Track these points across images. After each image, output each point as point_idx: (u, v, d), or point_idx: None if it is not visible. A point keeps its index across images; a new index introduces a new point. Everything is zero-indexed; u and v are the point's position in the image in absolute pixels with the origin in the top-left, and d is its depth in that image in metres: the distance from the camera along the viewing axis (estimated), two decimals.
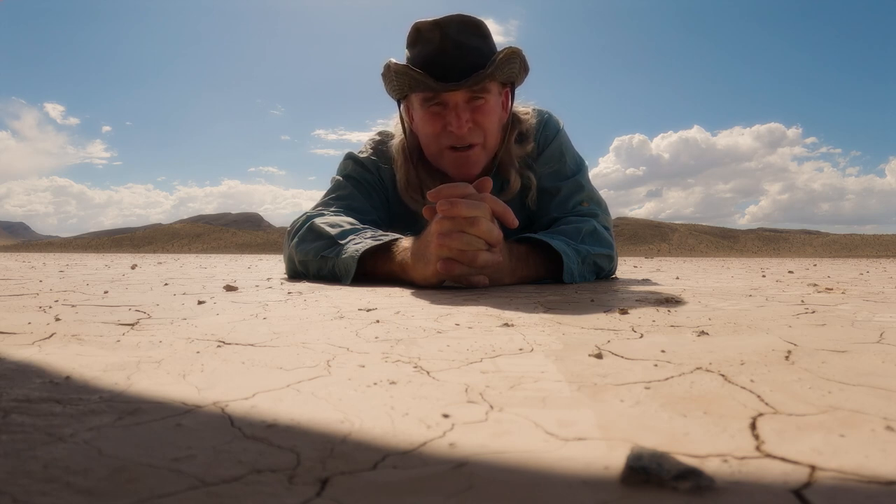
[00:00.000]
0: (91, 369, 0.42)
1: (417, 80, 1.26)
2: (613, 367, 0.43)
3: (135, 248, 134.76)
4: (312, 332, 0.61)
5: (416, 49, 1.30)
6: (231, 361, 0.46)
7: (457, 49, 1.26)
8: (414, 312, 0.76)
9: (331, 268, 1.31)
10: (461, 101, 1.29)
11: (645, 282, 1.54)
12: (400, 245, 1.20)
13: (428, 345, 0.53)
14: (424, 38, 1.28)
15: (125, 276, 1.84)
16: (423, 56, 1.28)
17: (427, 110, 1.33)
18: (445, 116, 1.31)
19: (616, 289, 1.20)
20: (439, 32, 1.26)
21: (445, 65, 1.26)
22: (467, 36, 1.28)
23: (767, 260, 10.14)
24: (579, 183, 1.48)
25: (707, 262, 5.99)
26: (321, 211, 1.46)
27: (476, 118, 1.32)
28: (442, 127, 1.32)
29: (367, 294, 1.02)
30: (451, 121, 1.30)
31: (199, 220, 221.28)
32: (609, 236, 1.44)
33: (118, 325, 0.65)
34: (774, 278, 1.93)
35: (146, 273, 2.19)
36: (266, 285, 1.35)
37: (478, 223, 1.02)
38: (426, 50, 1.28)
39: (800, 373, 0.42)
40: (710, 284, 1.48)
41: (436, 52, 1.26)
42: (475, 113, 1.31)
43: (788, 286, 1.44)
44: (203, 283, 1.50)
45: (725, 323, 0.68)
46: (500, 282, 1.19)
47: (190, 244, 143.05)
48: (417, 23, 1.30)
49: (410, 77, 1.27)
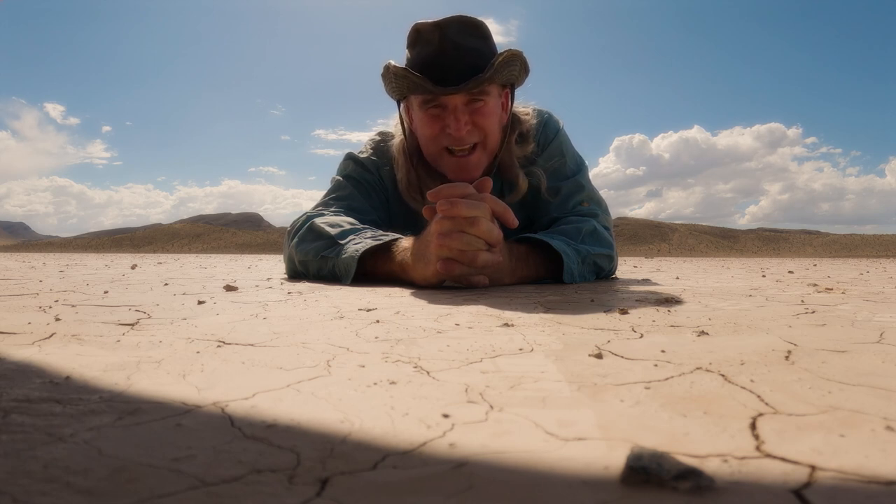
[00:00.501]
0: (91, 369, 0.42)
1: (416, 83, 1.26)
2: (613, 367, 0.43)
3: (135, 248, 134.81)
4: (312, 332, 0.61)
5: (416, 50, 1.30)
6: (231, 361, 0.46)
7: (456, 51, 1.25)
8: (414, 312, 0.76)
9: (331, 268, 1.31)
10: (460, 104, 1.29)
11: (645, 282, 1.54)
12: (400, 245, 1.20)
13: (428, 345, 0.53)
14: (424, 39, 1.28)
15: (125, 276, 1.84)
16: (422, 58, 1.28)
17: (426, 112, 1.32)
18: (444, 119, 1.31)
19: (616, 289, 1.20)
20: (438, 34, 1.25)
21: (444, 67, 1.25)
22: (466, 37, 1.27)
23: (767, 260, 10.14)
24: (579, 183, 1.48)
25: (707, 263, 5.99)
26: (321, 211, 1.46)
27: (475, 120, 1.31)
28: (440, 129, 1.32)
29: (367, 294, 1.02)
30: (450, 123, 1.30)
31: (199, 220, 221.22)
32: (609, 236, 1.44)
33: (118, 325, 0.65)
34: (774, 278, 1.93)
35: (146, 273, 2.19)
36: (266, 285, 1.35)
37: (478, 223, 1.02)
38: (425, 51, 1.27)
39: (800, 373, 0.42)
40: (710, 284, 1.48)
41: (435, 54, 1.26)
42: (474, 115, 1.31)
43: (788, 286, 1.44)
44: (203, 283, 1.50)
45: (725, 323, 0.68)
46: (500, 282, 1.19)
47: (190, 244, 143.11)
48: (417, 24, 1.30)
49: (409, 80, 1.27)
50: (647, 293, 1.10)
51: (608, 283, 1.40)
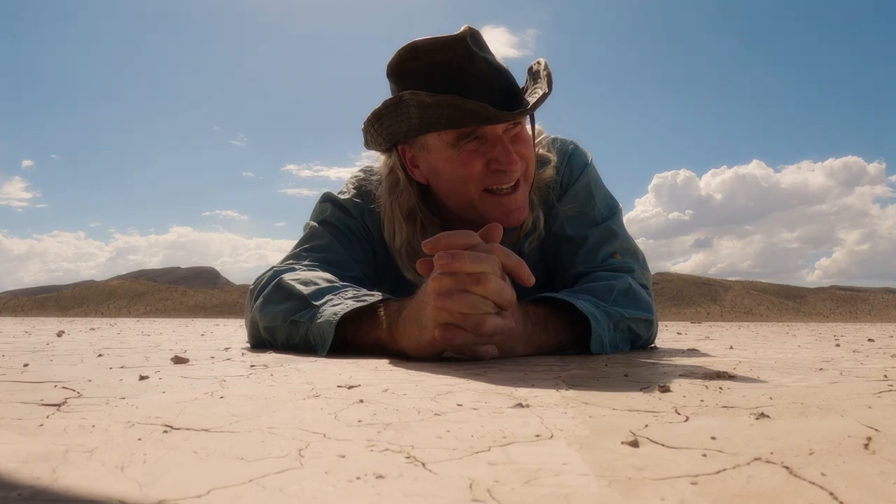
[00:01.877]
0: (8, 460, 0.42)
1: (472, 111, 1.22)
2: (652, 458, 0.43)
3: (62, 310, 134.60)
4: (281, 414, 0.60)
5: (422, 74, 1.28)
6: (180, 450, 0.45)
7: (489, 66, 1.27)
8: (406, 390, 0.76)
9: (303, 335, 1.31)
10: (501, 131, 1.31)
11: (691, 352, 1.54)
12: (388, 307, 1.20)
13: (423, 430, 0.53)
14: (440, 59, 1.26)
15: (50, 346, 1.83)
16: (448, 81, 1.25)
17: (462, 150, 1.32)
18: (487, 153, 1.31)
19: (656, 361, 1.20)
20: (464, 49, 1.25)
21: (489, 88, 1.26)
22: (486, 52, 1.30)
23: (842, 325, 10.11)
24: (611, 230, 1.49)
25: (768, 328, 5.96)
26: (292, 265, 1.47)
27: (518, 149, 1.33)
28: (484, 165, 1.32)
29: (349, 367, 1.02)
30: (499, 156, 1.30)
31: (142, 275, 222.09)
32: (648, 296, 1.44)
33: (41, 406, 0.65)
34: (851, 348, 1.93)
35: (76, 341, 2.19)
36: (224, 356, 1.34)
37: (485, 280, 1.00)
38: (452, 73, 1.26)
39: (882, 464, 0.42)
40: (771, 355, 1.48)
41: (474, 76, 1.25)
42: (515, 143, 1.33)
43: (868, 357, 1.43)
44: (146, 353, 1.49)
45: (790, 403, 0.68)
46: (512, 352, 1.18)
47: (130, 306, 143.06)
48: (418, 44, 1.29)
49: (459, 110, 1.22)
50: (693, 366, 1.09)
51: (646, 353, 1.40)
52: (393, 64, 1.32)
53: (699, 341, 2.31)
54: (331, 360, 1.14)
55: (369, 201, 1.54)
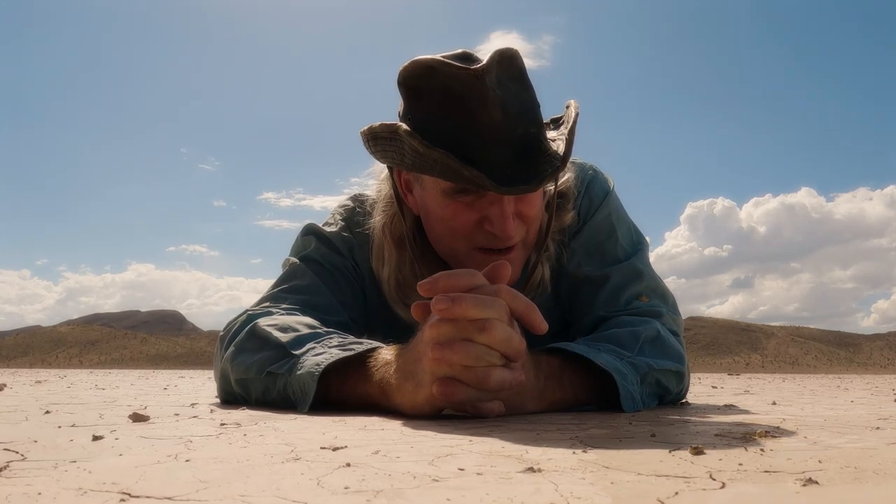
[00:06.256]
0: None
1: (467, 178, 1.18)
2: None
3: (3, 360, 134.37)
4: (255, 479, 0.60)
5: (433, 99, 1.25)
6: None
7: (506, 117, 1.21)
8: (400, 452, 0.76)
9: (281, 388, 1.30)
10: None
11: (728, 409, 1.53)
12: (379, 357, 1.19)
13: (419, 498, 0.52)
14: (454, 88, 1.21)
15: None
16: (455, 124, 1.21)
17: (454, 201, 1.31)
18: (482, 209, 1.30)
19: (687, 418, 1.19)
20: (479, 93, 1.19)
21: (496, 145, 1.21)
22: (512, 89, 1.24)
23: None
24: (636, 268, 1.49)
25: (816, 381, 5.94)
26: (268, 308, 1.46)
27: (521, 210, 1.31)
28: (475, 223, 1.31)
29: (334, 426, 1.02)
30: (493, 218, 1.28)
31: (96, 320, 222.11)
32: (678, 344, 1.44)
33: None
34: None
35: (19, 396, 2.18)
36: (190, 413, 1.34)
37: (490, 328, 1.00)
38: (460, 117, 1.21)
39: None
40: (820, 412, 1.47)
41: (483, 128, 1.20)
42: (520, 203, 1.31)
43: None
44: (100, 410, 1.49)
45: (842, 467, 0.67)
46: (521, 409, 1.17)
47: (82, 355, 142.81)
48: (430, 61, 1.24)
49: (454, 173, 1.19)
50: (730, 424, 1.09)
51: (676, 409, 1.39)
52: (405, 74, 1.30)
53: (737, 396, 2.30)
54: (313, 418, 1.13)
55: (360, 236, 1.53)
